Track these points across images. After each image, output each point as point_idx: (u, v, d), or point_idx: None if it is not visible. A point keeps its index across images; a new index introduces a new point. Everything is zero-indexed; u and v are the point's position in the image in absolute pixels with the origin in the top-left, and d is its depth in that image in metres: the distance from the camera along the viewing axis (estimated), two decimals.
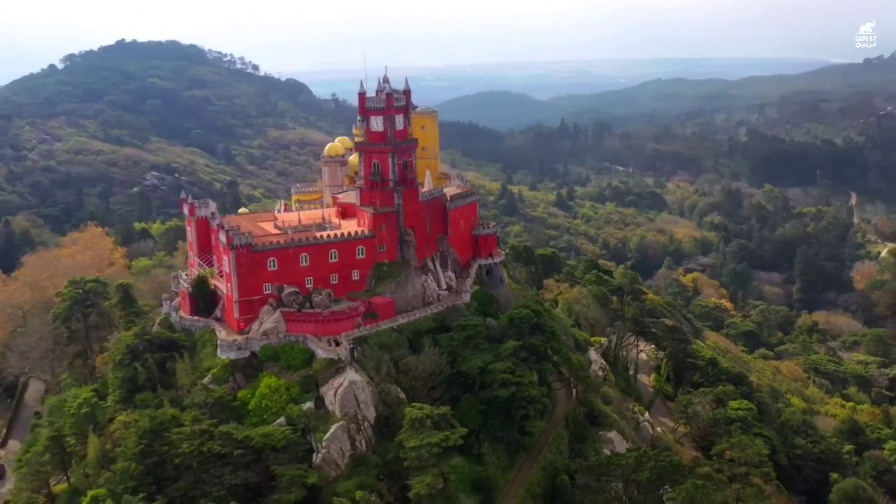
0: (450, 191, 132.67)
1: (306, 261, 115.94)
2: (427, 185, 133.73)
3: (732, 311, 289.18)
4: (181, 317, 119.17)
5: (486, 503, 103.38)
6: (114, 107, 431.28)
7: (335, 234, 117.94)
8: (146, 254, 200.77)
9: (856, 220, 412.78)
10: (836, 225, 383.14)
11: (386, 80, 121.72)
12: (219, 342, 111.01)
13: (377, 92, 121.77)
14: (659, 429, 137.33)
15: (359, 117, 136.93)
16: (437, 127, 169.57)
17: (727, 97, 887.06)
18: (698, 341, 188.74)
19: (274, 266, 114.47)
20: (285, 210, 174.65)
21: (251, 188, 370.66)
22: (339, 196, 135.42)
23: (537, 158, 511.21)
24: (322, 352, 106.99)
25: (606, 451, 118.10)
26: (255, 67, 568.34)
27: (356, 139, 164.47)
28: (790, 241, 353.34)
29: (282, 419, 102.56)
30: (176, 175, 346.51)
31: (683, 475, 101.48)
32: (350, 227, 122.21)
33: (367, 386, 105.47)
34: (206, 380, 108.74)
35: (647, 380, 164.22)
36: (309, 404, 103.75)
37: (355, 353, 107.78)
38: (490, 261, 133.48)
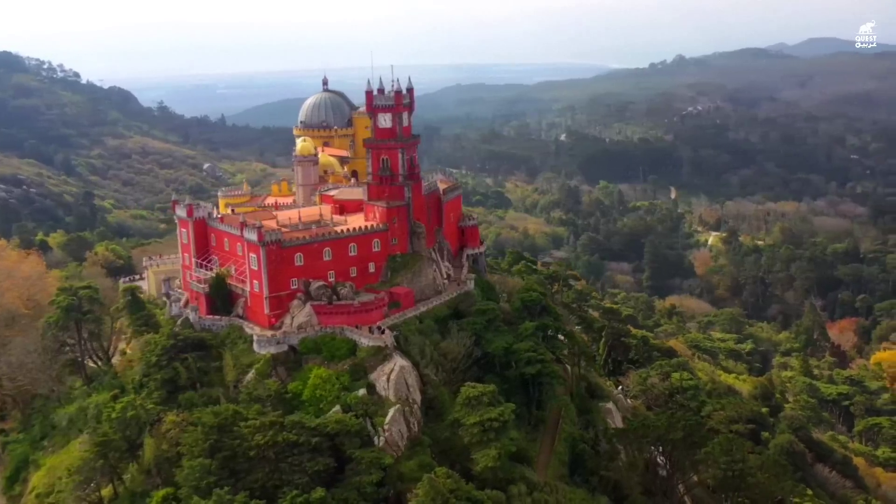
0: (441, 185, 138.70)
1: (329, 255, 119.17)
2: None
3: (600, 299, 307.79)
4: (200, 317, 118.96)
5: None
6: None
7: (353, 229, 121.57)
8: (52, 266, 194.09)
9: (680, 211, 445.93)
10: (668, 217, 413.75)
11: (397, 80, 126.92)
12: (256, 338, 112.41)
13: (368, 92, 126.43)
14: (629, 400, 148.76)
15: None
16: None
17: (528, 101, 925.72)
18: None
19: (300, 261, 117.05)
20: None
21: (100, 199, 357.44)
22: (332, 193, 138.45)
23: None
24: (366, 340, 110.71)
25: (609, 422, 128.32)
26: (77, 75, 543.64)
27: (302, 140, 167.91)
28: (634, 233, 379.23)
29: (337, 407, 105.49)
30: (24, 187, 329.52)
31: (706, 434, 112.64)
32: (357, 221, 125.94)
33: (413, 370, 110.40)
34: (249, 375, 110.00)
35: None
36: (363, 391, 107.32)
37: (399, 341, 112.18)
38: (476, 250, 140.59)
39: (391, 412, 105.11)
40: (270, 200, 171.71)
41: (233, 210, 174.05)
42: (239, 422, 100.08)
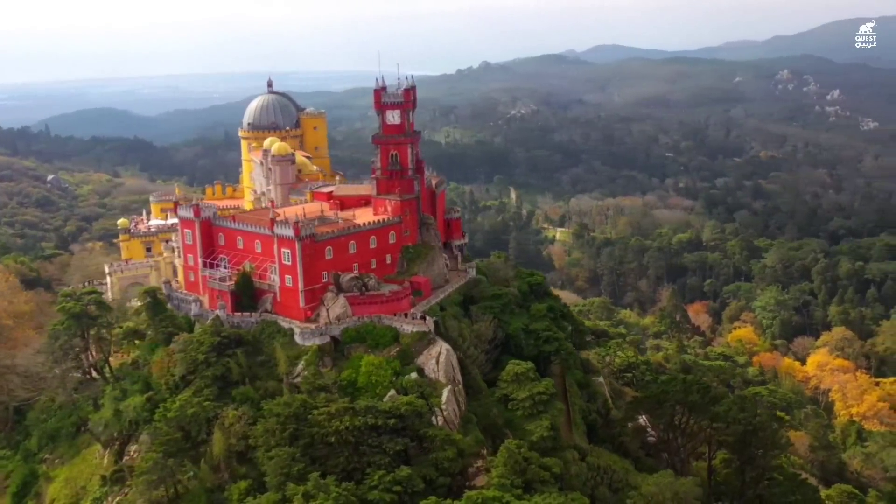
0: (433, 180, 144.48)
1: (354, 248, 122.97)
2: None
3: None
4: (228, 315, 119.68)
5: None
6: None
7: (373, 222, 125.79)
8: None
9: (526, 209, 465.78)
10: (519, 214, 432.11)
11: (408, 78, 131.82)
12: (300, 331, 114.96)
13: (380, 89, 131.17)
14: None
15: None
16: (326, 127, 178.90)
17: (343, 107, 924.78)
18: None
19: (330, 255, 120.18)
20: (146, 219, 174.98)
21: None
22: (325, 190, 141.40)
23: (222, 172, 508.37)
24: (409, 327, 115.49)
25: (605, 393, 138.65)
26: None
27: (251, 142, 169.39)
28: (494, 231, 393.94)
29: (392, 391, 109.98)
30: None
31: (715, 395, 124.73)
32: (366, 216, 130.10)
33: (454, 353, 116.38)
34: (299, 366, 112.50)
35: None
36: (414, 374, 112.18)
37: (439, 326, 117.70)
38: (462, 241, 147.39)
39: (445, 393, 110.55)
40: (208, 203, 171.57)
41: (167, 214, 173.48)
42: (311, 410, 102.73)
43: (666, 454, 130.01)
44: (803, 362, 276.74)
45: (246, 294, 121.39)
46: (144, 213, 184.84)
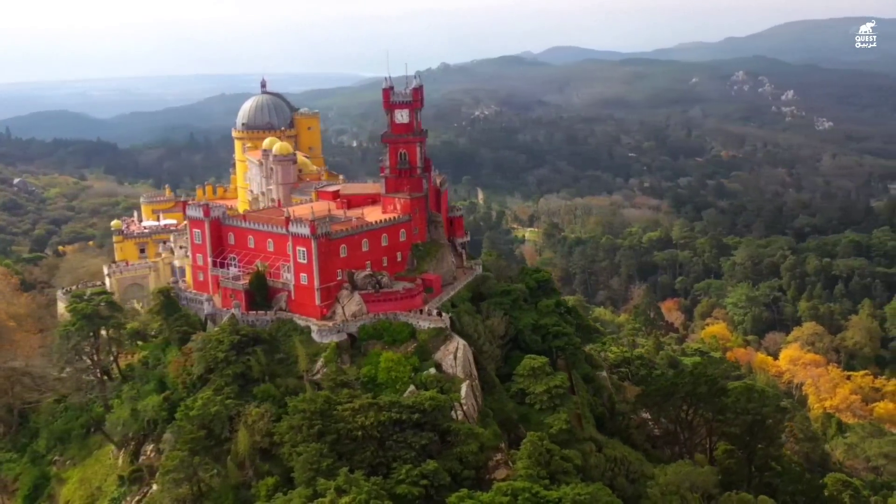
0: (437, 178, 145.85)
1: (366, 246, 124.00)
2: None
3: None
4: (243, 313, 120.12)
5: None
6: None
7: (383, 220, 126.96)
8: None
9: (495, 209, 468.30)
10: (489, 215, 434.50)
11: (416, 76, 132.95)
12: (317, 328, 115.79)
13: (388, 89, 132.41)
14: None
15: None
16: (320, 127, 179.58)
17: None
18: None
19: (344, 253, 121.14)
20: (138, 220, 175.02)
21: None
22: (330, 189, 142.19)
23: (189, 174, 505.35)
24: (425, 323, 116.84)
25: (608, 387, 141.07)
26: None
27: (244, 143, 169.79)
28: (466, 230, 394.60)
29: (412, 387, 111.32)
30: None
31: (721, 388, 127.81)
32: (374, 214, 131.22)
33: (470, 348, 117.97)
34: (318, 363, 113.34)
35: None
36: (433, 370, 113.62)
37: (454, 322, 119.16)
38: (464, 239, 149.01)
39: (464, 388, 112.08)
40: None
41: (159, 216, 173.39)
42: (336, 406, 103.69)
43: (670, 447, 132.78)
44: (775, 357, 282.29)
45: (260, 293, 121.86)
46: (136, 214, 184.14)
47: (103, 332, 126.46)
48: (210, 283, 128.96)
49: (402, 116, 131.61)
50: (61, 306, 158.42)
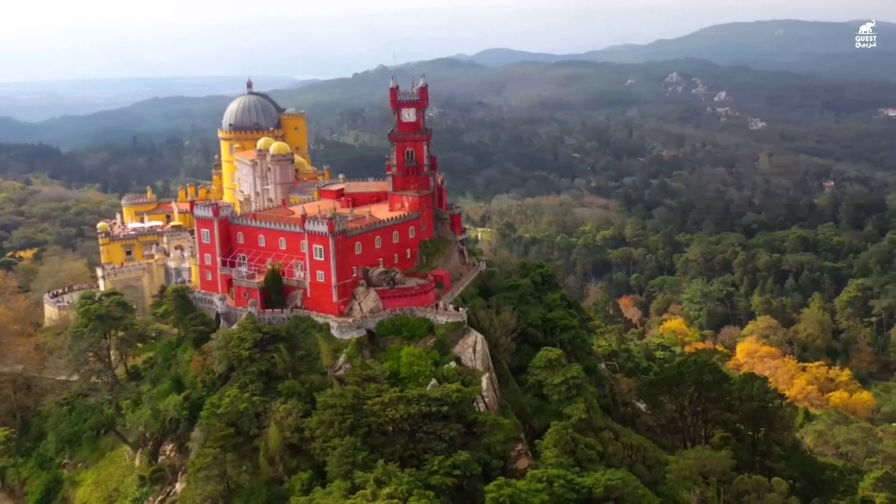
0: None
1: (379, 243, 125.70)
2: None
3: None
4: (259, 311, 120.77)
5: None
6: None
7: (395, 217, 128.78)
8: None
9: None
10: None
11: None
12: (337, 325, 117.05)
13: (395, 88, 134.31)
14: None
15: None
16: (306, 127, 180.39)
17: None
18: None
19: (359, 250, 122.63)
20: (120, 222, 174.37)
21: None
22: (333, 188, 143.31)
23: (136, 177, 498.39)
24: (443, 318, 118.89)
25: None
26: None
27: (232, 143, 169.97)
28: None
29: (433, 381, 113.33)
30: None
31: (725, 376, 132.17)
32: (382, 212, 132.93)
33: (486, 342, 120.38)
34: (340, 359, 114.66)
35: None
36: (453, 363, 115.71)
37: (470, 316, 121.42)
38: (463, 236, 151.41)
39: (484, 380, 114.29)
40: (184, 206, 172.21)
41: (143, 218, 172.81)
42: (365, 401, 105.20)
43: (669, 435, 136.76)
44: (732, 350, 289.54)
45: (275, 291, 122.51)
46: (118, 216, 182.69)
47: (115, 333, 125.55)
48: (219, 282, 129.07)
49: (408, 115, 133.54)
50: (49, 310, 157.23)
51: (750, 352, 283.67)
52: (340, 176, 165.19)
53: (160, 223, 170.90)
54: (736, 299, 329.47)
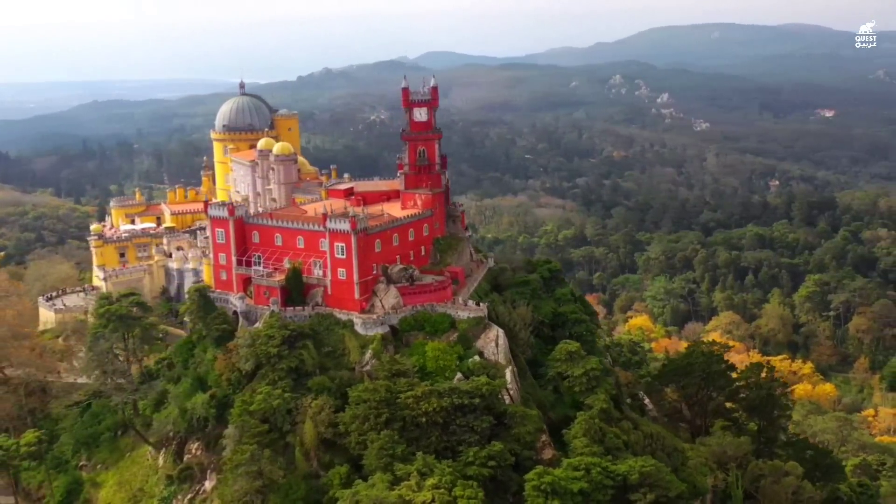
0: None
1: (397, 241, 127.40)
2: None
3: None
4: (281, 309, 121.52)
5: None
6: None
7: (411, 215, 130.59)
8: None
9: None
10: None
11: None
12: (362, 322, 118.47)
13: (406, 88, 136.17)
14: None
15: None
16: (299, 128, 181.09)
17: (183, 116, 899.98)
18: None
19: (379, 247, 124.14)
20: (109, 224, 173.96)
21: None
22: (341, 187, 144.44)
23: (89, 181, 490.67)
24: (464, 313, 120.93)
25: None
26: None
27: (226, 144, 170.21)
28: None
29: (459, 374, 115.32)
30: None
31: (730, 366, 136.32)
32: (393, 211, 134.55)
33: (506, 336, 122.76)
34: (367, 355, 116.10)
35: None
36: (476, 357, 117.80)
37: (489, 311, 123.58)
38: (468, 234, 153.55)
39: (508, 373, 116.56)
40: (176, 207, 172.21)
41: (133, 220, 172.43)
42: (398, 395, 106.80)
43: (674, 424, 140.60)
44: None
45: (296, 289, 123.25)
46: (108, 219, 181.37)
47: (134, 334, 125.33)
48: (234, 281, 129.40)
49: (420, 115, 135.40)
50: (44, 313, 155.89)
51: None
52: (346, 175, 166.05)
53: (152, 225, 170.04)
54: (698, 296, 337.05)
